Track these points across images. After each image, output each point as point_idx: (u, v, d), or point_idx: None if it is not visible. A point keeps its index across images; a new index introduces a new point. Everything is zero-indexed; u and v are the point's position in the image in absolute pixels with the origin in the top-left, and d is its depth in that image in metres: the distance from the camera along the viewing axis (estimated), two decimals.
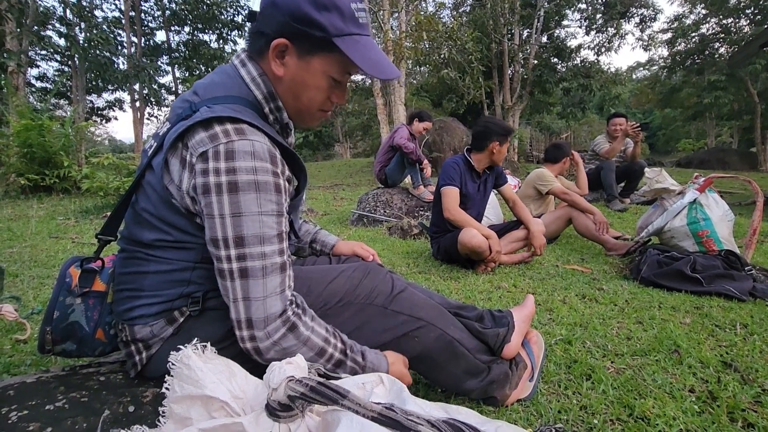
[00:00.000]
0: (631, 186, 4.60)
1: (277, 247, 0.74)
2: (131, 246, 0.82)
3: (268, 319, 0.72)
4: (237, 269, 0.71)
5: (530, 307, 1.17)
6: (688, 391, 1.06)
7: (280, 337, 0.73)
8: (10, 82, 8.50)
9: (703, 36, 16.01)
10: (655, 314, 1.59)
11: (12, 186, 5.69)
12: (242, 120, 0.73)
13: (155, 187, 0.77)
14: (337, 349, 0.79)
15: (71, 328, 0.86)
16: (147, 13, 17.02)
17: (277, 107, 0.83)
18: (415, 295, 0.95)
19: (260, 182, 0.71)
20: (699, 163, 12.91)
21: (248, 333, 0.73)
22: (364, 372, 0.80)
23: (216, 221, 0.71)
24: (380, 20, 8.75)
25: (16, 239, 3.14)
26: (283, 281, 0.74)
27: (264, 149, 0.72)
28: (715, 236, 2.13)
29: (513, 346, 1.03)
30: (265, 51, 0.78)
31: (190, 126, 0.72)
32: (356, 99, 18.50)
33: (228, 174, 0.70)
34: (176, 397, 0.63)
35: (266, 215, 0.72)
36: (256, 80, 0.81)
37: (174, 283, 0.80)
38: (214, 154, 0.70)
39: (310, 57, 0.78)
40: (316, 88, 0.81)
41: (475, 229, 2.21)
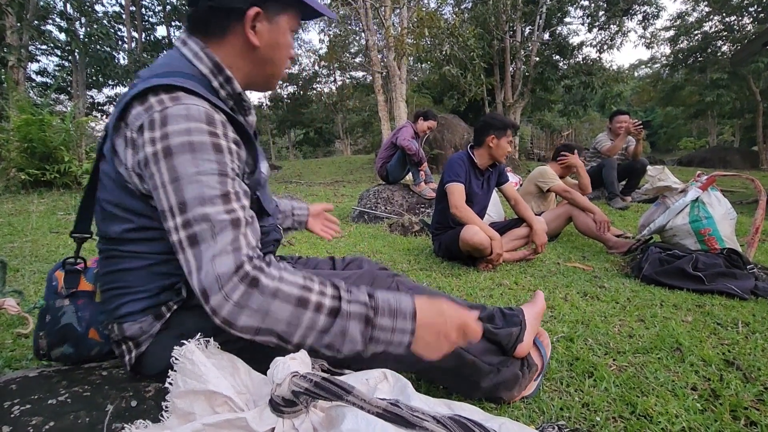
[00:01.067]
0: (632, 184, 4.59)
1: (222, 208, 0.67)
2: (105, 245, 0.81)
3: (220, 279, 0.63)
4: (185, 237, 0.66)
5: (541, 304, 1.15)
6: (690, 389, 1.05)
7: (242, 296, 0.63)
8: (11, 76, 8.47)
9: (706, 34, 15.93)
10: (656, 312, 1.59)
11: (12, 181, 5.67)
12: (178, 87, 0.71)
13: (110, 175, 0.76)
14: (325, 295, 0.67)
15: (65, 330, 0.86)
16: (147, 8, 16.98)
17: (227, 78, 0.81)
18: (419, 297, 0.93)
19: (195, 142, 0.67)
20: (700, 161, 12.88)
21: (209, 306, 0.64)
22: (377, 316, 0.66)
23: (160, 192, 0.68)
24: (382, 16, 8.71)
25: (16, 234, 3.14)
26: (237, 239, 0.66)
27: (200, 111, 0.69)
28: (717, 234, 2.12)
29: (525, 345, 1.00)
30: (231, 25, 0.79)
31: (128, 103, 0.71)
32: (357, 95, 18.47)
33: (162, 140, 0.67)
34: (179, 392, 0.63)
35: (205, 175, 0.67)
36: (198, 55, 0.80)
37: (154, 277, 0.79)
38: (149, 124, 0.68)
39: (277, 17, 0.81)
40: (286, 46, 0.84)
41: (478, 227, 2.21)
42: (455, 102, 13.62)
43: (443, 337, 0.69)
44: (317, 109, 23.28)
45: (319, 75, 22.30)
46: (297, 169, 12.34)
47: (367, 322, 0.66)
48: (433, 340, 0.69)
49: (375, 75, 9.01)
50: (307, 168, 12.59)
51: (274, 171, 11.74)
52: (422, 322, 0.69)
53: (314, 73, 22.03)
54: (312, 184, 8.25)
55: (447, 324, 0.70)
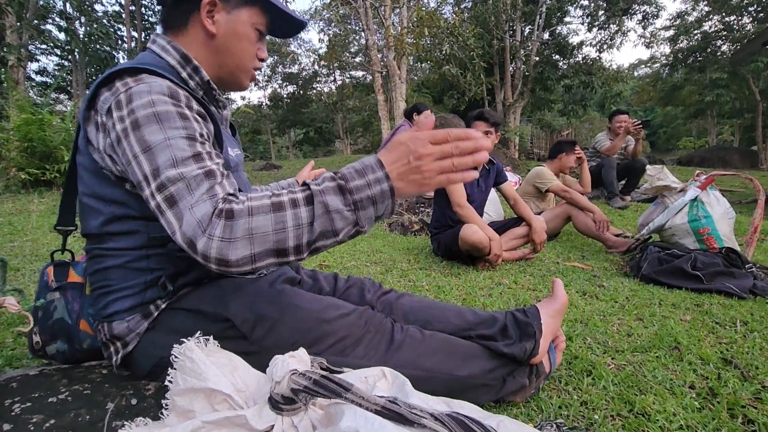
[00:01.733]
0: (631, 183, 4.60)
1: (195, 166, 0.67)
2: (89, 245, 0.83)
3: (201, 224, 0.62)
4: (162, 200, 0.66)
5: (561, 298, 1.03)
6: (688, 387, 1.06)
7: (224, 230, 0.62)
8: (11, 76, 8.48)
9: (706, 33, 15.93)
10: (655, 311, 1.59)
11: (13, 180, 5.67)
12: (142, 69, 0.74)
13: (85, 165, 0.79)
14: (294, 192, 0.65)
15: (57, 326, 0.88)
16: (147, 7, 16.93)
17: (194, 68, 0.85)
18: (416, 341, 0.87)
19: (160, 113, 0.70)
20: (700, 161, 12.88)
21: (199, 253, 0.63)
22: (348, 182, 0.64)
23: (133, 165, 0.69)
24: (382, 16, 8.71)
25: (17, 233, 3.15)
26: (212, 188, 0.66)
27: (162, 86, 0.72)
28: (716, 234, 2.13)
29: (540, 355, 0.95)
30: (191, 15, 0.83)
31: (95, 91, 0.75)
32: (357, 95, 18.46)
33: (129, 116, 0.70)
34: (179, 389, 0.63)
35: (173, 139, 0.68)
36: (165, 48, 0.84)
37: (135, 273, 0.80)
38: (116, 105, 0.71)
39: (237, 10, 0.85)
40: (247, 38, 0.86)
41: (478, 226, 2.22)
42: (455, 101, 13.61)
43: (415, 159, 0.64)
44: (317, 108, 23.26)
45: (318, 74, 22.28)
46: (297, 169, 12.32)
47: (342, 190, 0.64)
48: (408, 168, 0.65)
49: (375, 74, 9.01)
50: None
51: (274, 170, 11.73)
52: (388, 160, 0.65)
53: (314, 72, 22.02)
54: None
55: (410, 145, 0.65)
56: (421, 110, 4.19)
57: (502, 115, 14.12)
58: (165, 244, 0.79)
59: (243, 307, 0.79)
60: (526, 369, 0.95)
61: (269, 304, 0.81)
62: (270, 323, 0.79)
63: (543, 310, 1.00)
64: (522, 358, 0.92)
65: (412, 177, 0.65)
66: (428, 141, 0.65)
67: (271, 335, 0.79)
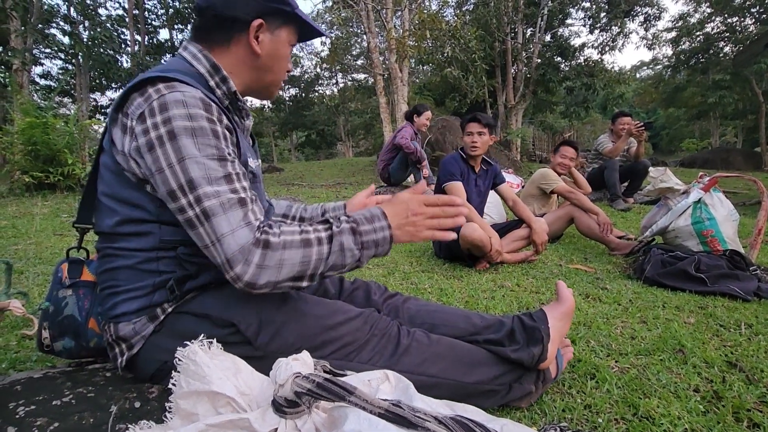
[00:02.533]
0: (634, 185, 4.59)
1: (227, 187, 0.73)
2: (101, 243, 0.84)
3: (243, 250, 0.71)
4: (200, 212, 0.71)
5: (567, 302, 1.03)
6: (692, 390, 1.05)
7: (261, 258, 0.71)
8: (15, 79, 8.53)
9: (708, 35, 15.90)
10: (659, 314, 1.59)
11: (16, 183, 5.70)
12: (173, 78, 0.76)
13: (108, 165, 0.80)
14: (318, 230, 0.76)
15: (67, 322, 0.88)
16: (150, 11, 17.05)
17: (223, 78, 0.86)
18: (423, 346, 0.87)
19: (195, 128, 0.73)
20: (703, 162, 12.83)
21: (233, 273, 0.71)
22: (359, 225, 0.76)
23: (167, 173, 0.72)
24: (383, 19, 8.74)
25: (20, 236, 3.16)
26: (246, 215, 0.73)
27: (196, 97, 0.75)
28: (719, 236, 2.12)
29: (548, 361, 0.95)
30: (236, 34, 0.85)
31: (127, 95, 0.76)
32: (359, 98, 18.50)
33: (165, 125, 0.72)
34: (183, 392, 0.63)
35: (207, 158, 0.73)
36: (197, 56, 0.85)
37: (144, 274, 0.81)
38: (150, 112, 0.73)
39: (279, 30, 0.88)
40: (285, 58, 0.91)
41: (478, 224, 2.22)
42: (457, 104, 13.63)
43: (411, 215, 0.80)
44: (319, 111, 23.31)
45: (320, 77, 22.36)
46: (299, 171, 12.35)
47: (354, 232, 0.77)
48: (405, 222, 0.80)
49: (377, 77, 9.03)
50: (309, 170, 12.60)
51: (276, 173, 11.76)
52: (390, 213, 0.80)
53: (316, 75, 22.10)
54: (314, 186, 8.26)
55: (409, 204, 0.80)
56: (420, 112, 4.20)
57: (504, 118, 14.13)
58: (175, 247, 0.80)
59: (248, 312, 0.80)
60: (533, 375, 0.94)
61: (274, 309, 0.81)
62: (275, 328, 0.80)
63: (550, 314, 1.00)
64: (530, 364, 0.91)
65: (407, 228, 0.80)
66: (423, 203, 0.81)
67: (276, 340, 0.79)
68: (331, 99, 18.49)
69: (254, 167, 0.91)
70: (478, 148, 2.40)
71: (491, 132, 2.44)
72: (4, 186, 6.02)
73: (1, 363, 1.17)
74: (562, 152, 3.22)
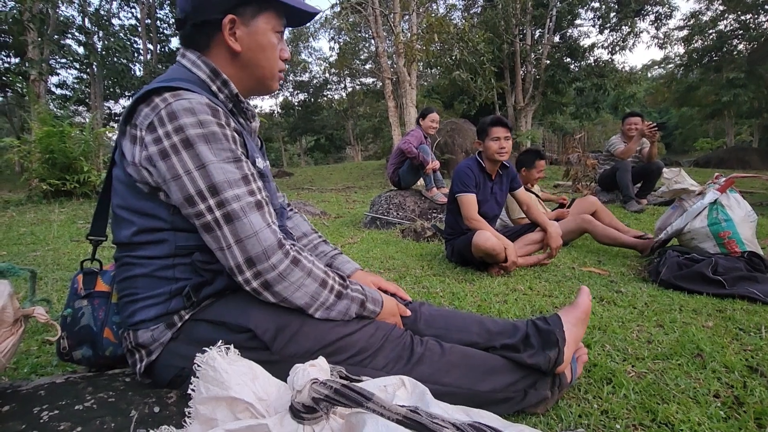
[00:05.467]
0: (647, 186, 4.52)
1: (245, 189, 0.77)
2: (118, 253, 0.86)
3: (267, 251, 0.75)
4: (221, 216, 0.74)
5: (583, 306, 1.02)
6: (712, 396, 1.03)
7: (286, 269, 0.76)
8: (32, 90, 8.75)
9: (721, 33, 15.63)
10: (676, 317, 1.56)
11: (34, 191, 5.84)
12: (178, 87, 0.77)
13: (120, 178, 0.82)
14: (335, 281, 0.83)
15: (83, 332, 0.90)
16: (162, 20, 17.37)
17: (223, 82, 0.87)
18: (436, 355, 0.87)
19: (208, 134, 0.75)
20: (718, 162, 12.60)
21: (252, 271, 0.75)
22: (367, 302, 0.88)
23: (184, 179, 0.74)
24: (391, 23, 8.78)
25: (39, 243, 3.23)
26: (264, 217, 0.77)
27: (202, 103, 0.76)
28: (737, 237, 2.08)
29: (564, 365, 0.93)
30: (214, 36, 0.84)
31: (135, 107, 0.78)
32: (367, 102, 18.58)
33: (177, 133, 0.74)
34: (202, 398, 0.64)
35: (224, 162, 0.76)
36: (196, 63, 0.86)
37: (161, 281, 0.82)
38: (159, 121, 0.75)
39: (255, 20, 0.85)
40: (270, 47, 0.88)
41: (490, 233, 2.20)
42: (466, 106, 13.61)
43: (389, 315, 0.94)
44: (328, 115, 23.47)
45: (329, 82, 22.52)
46: (308, 176, 12.44)
47: (362, 305, 0.87)
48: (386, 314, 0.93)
49: (385, 81, 9.07)
50: (319, 174, 12.69)
51: (285, 177, 11.86)
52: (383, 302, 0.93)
53: (324, 80, 22.26)
54: (324, 190, 8.31)
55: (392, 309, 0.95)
56: (426, 114, 4.21)
57: (514, 120, 14.06)
58: (191, 253, 0.81)
59: (264, 318, 0.81)
60: (548, 380, 0.93)
61: (290, 314, 0.82)
62: (290, 333, 0.80)
63: (565, 318, 0.99)
64: (546, 368, 0.90)
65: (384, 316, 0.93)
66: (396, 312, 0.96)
67: (292, 345, 0.80)
68: (340, 103, 18.60)
69: (263, 168, 0.92)
70: (506, 154, 2.35)
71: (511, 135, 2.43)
72: (23, 193, 6.17)
73: (23, 367, 1.20)
74: (538, 167, 3.17)
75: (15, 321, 0.75)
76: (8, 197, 6.50)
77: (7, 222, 4.32)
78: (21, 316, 0.76)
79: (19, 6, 9.78)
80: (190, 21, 0.84)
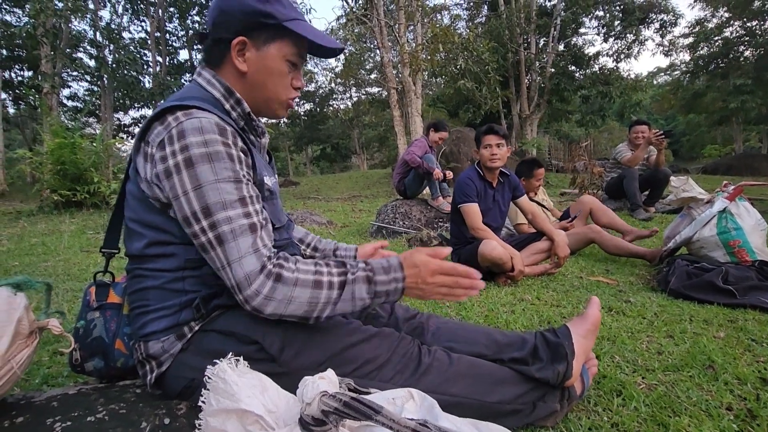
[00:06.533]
0: (655, 194, 4.49)
1: (241, 211, 0.77)
2: (130, 265, 0.88)
3: (249, 277, 0.74)
4: (213, 238, 0.75)
5: (593, 317, 1.01)
6: (725, 408, 1.02)
7: (270, 290, 0.75)
8: (45, 102, 8.94)
9: (727, 39, 15.59)
10: (686, 328, 1.54)
11: (46, 201, 5.94)
12: (192, 105, 0.79)
13: (133, 193, 0.84)
14: (332, 274, 0.78)
15: (95, 343, 0.92)
16: (171, 33, 17.70)
17: (237, 100, 0.89)
18: (444, 365, 0.87)
19: (211, 153, 0.76)
20: (726, 169, 12.47)
21: (241, 296, 0.76)
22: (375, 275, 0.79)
23: (182, 200, 0.76)
24: (396, 33, 8.87)
25: (50, 253, 3.27)
26: (255, 242, 0.76)
27: (211, 123, 0.78)
28: (747, 246, 2.06)
29: (573, 378, 0.92)
30: (226, 54, 0.87)
31: (149, 124, 0.80)
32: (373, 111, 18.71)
33: (182, 152, 0.76)
34: (212, 410, 0.65)
35: (223, 182, 0.76)
36: (211, 81, 0.88)
37: (171, 294, 0.84)
38: (169, 139, 0.77)
39: (267, 46, 0.87)
40: (278, 74, 0.89)
41: (496, 242, 2.20)
42: (471, 115, 13.65)
43: (421, 282, 0.81)
44: (334, 125, 23.65)
45: (335, 92, 22.71)
46: (315, 185, 12.50)
47: (369, 281, 0.79)
48: (415, 285, 0.81)
49: (390, 91, 9.14)
50: (325, 183, 12.75)
51: (292, 186, 11.93)
52: (408, 265, 0.81)
53: (330, 90, 22.46)
54: (330, 199, 8.34)
55: (421, 270, 0.81)
56: (438, 129, 4.24)
57: (519, 128, 14.07)
58: (200, 266, 0.83)
59: (271, 330, 0.81)
60: (557, 393, 0.92)
61: (297, 327, 0.82)
62: (298, 346, 0.81)
63: (574, 330, 0.97)
64: (555, 382, 0.89)
65: (416, 291, 0.82)
66: (436, 272, 0.81)
67: (299, 357, 0.81)
68: (346, 113, 18.75)
69: (271, 184, 0.93)
70: (498, 161, 2.37)
71: (508, 143, 2.43)
72: (35, 204, 6.27)
73: (35, 378, 1.21)
74: (537, 176, 3.19)
75: (30, 333, 0.76)
76: (20, 208, 6.61)
77: (19, 232, 4.39)
78: (36, 328, 0.78)
79: (33, 21, 10.03)
80: (210, 36, 0.88)
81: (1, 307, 0.74)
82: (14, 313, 0.74)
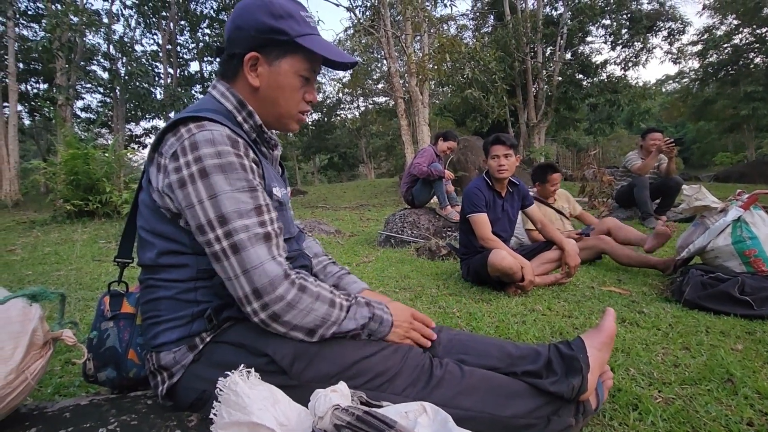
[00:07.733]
0: (666, 203, 4.43)
1: (256, 220, 0.78)
2: (143, 275, 0.89)
3: (273, 282, 0.76)
4: (228, 246, 0.76)
5: (608, 329, 0.99)
6: (746, 424, 0.99)
7: (294, 298, 0.77)
8: (59, 114, 9.14)
9: (737, 46, 15.50)
10: (702, 339, 1.51)
11: (59, 211, 6.03)
12: (204, 118, 0.81)
13: (146, 203, 0.86)
14: (342, 298, 0.84)
15: (109, 353, 0.92)
16: (182, 46, 18.06)
17: (249, 113, 0.91)
18: (456, 378, 0.85)
19: (225, 164, 0.78)
20: (739, 176, 12.27)
21: (259, 303, 0.76)
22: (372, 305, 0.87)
23: (197, 209, 0.77)
24: (403, 44, 8.95)
25: (62, 262, 3.32)
26: (271, 249, 0.78)
27: (222, 135, 0.80)
28: (763, 255, 2.01)
29: (589, 392, 0.90)
30: (239, 69, 0.89)
31: (163, 136, 0.82)
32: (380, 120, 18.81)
33: (196, 163, 0.77)
34: (224, 423, 0.64)
35: (238, 192, 0.78)
36: (224, 94, 0.90)
37: (183, 304, 0.84)
38: (182, 150, 0.78)
39: (279, 61, 0.88)
40: (290, 89, 0.90)
41: (506, 252, 2.18)
42: (478, 124, 13.67)
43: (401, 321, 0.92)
44: (341, 134, 23.81)
45: (342, 102, 22.89)
46: (322, 194, 12.56)
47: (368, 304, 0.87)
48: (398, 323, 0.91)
49: (397, 100, 9.20)
50: (332, 192, 12.80)
51: (300, 196, 12.00)
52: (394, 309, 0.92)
53: (338, 100, 22.64)
54: (337, 208, 8.37)
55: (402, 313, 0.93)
56: (447, 139, 4.26)
57: (527, 136, 14.04)
58: (212, 276, 0.83)
59: (282, 344, 0.81)
60: (572, 407, 0.90)
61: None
62: (309, 358, 0.81)
63: (588, 342, 0.95)
64: (570, 396, 0.87)
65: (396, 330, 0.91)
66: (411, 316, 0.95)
67: (310, 370, 0.80)
68: (353, 122, 18.87)
69: (281, 195, 0.94)
70: (506, 171, 2.36)
71: (516, 152, 2.42)
72: (48, 214, 6.37)
73: (47, 387, 1.22)
74: (552, 181, 3.15)
75: (44, 343, 0.77)
76: (34, 217, 6.72)
77: (32, 242, 4.46)
78: (50, 338, 0.78)
79: (49, 36, 10.30)
80: (226, 51, 0.90)
81: (16, 317, 0.75)
82: (29, 324, 0.75)
